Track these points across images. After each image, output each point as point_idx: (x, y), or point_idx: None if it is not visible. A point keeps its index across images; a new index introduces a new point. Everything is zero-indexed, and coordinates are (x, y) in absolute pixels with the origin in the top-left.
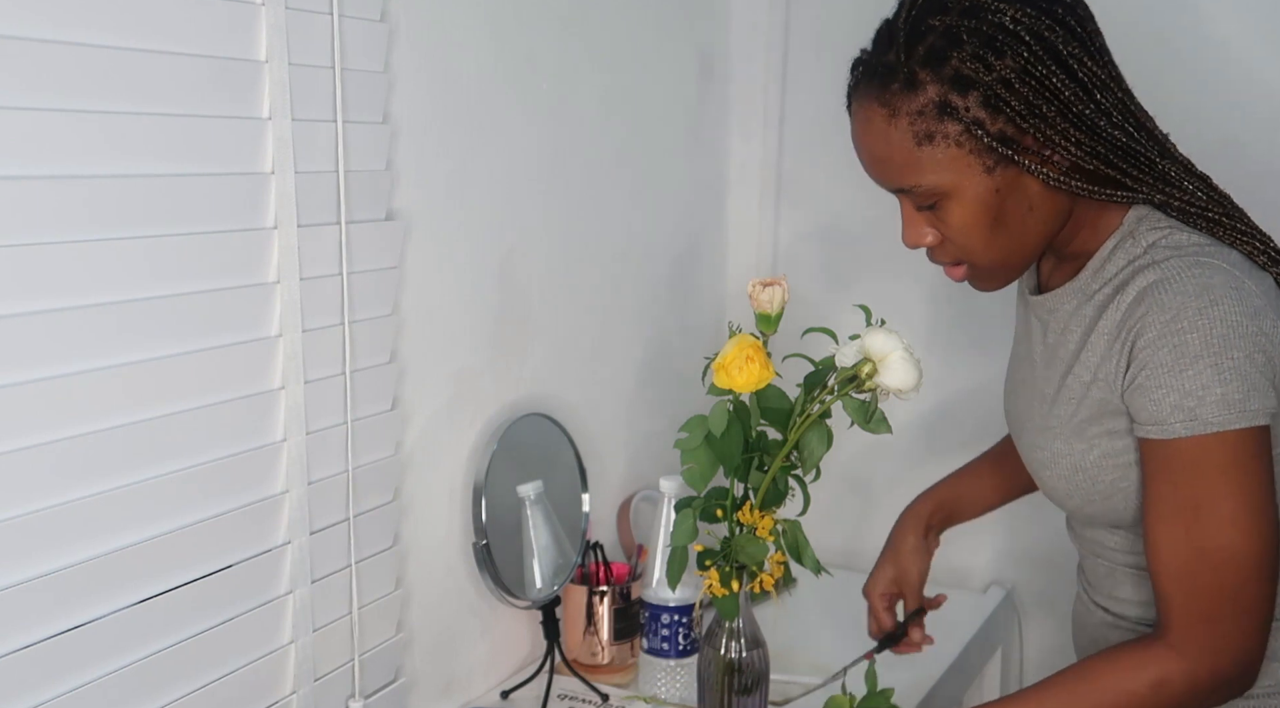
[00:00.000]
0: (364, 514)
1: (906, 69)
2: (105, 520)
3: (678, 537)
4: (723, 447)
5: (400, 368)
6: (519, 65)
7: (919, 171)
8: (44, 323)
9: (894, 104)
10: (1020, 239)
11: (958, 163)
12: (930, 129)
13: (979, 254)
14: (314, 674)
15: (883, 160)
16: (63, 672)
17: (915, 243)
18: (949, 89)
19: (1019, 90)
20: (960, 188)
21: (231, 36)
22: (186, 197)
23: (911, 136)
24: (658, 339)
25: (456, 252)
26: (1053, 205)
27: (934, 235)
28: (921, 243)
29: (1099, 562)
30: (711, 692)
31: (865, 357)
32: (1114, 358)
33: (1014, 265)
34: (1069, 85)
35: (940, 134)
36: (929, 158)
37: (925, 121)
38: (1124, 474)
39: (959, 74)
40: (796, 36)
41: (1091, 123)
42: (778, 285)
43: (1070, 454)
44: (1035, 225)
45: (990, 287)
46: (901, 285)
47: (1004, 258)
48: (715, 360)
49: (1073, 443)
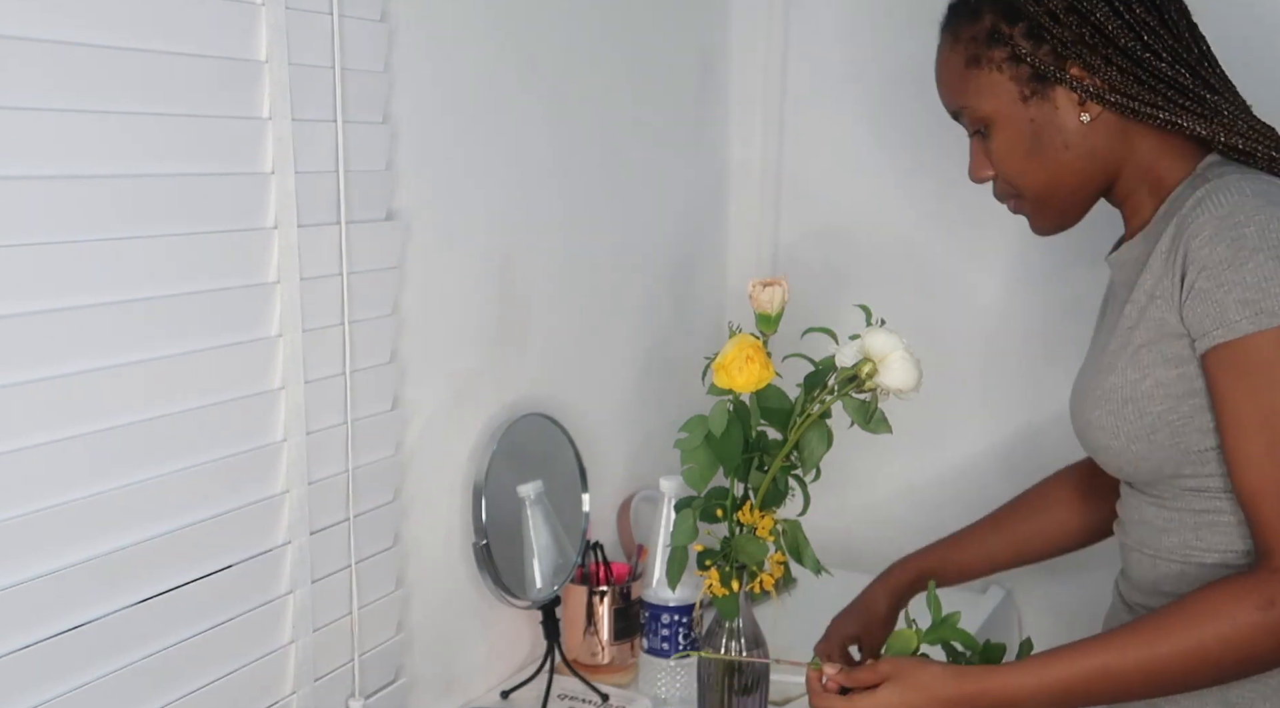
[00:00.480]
0: (364, 514)
1: (974, 2)
2: (105, 521)
3: (678, 537)
4: (723, 447)
5: (400, 368)
6: (519, 65)
7: (965, 93)
8: (44, 323)
9: (957, 30)
10: (1056, 175)
11: (997, 88)
12: (978, 53)
13: (1020, 183)
14: (314, 674)
15: (943, 82)
16: (63, 672)
17: (978, 174)
18: (1000, 18)
19: (1065, 22)
20: (999, 114)
21: (231, 36)
22: (186, 197)
23: (964, 59)
24: (658, 339)
25: (456, 252)
26: (1089, 145)
27: (991, 170)
28: (982, 175)
29: (1142, 555)
30: (711, 692)
31: (865, 357)
32: (1171, 271)
33: (1058, 201)
34: (1114, 20)
35: (986, 59)
36: (974, 81)
37: (976, 46)
38: (1173, 406)
39: (1011, 5)
40: (796, 36)
41: (1136, 56)
42: (778, 285)
43: (1123, 385)
44: (1071, 161)
45: (1043, 225)
46: (901, 286)
47: (1046, 189)
48: (715, 360)
49: (1126, 373)
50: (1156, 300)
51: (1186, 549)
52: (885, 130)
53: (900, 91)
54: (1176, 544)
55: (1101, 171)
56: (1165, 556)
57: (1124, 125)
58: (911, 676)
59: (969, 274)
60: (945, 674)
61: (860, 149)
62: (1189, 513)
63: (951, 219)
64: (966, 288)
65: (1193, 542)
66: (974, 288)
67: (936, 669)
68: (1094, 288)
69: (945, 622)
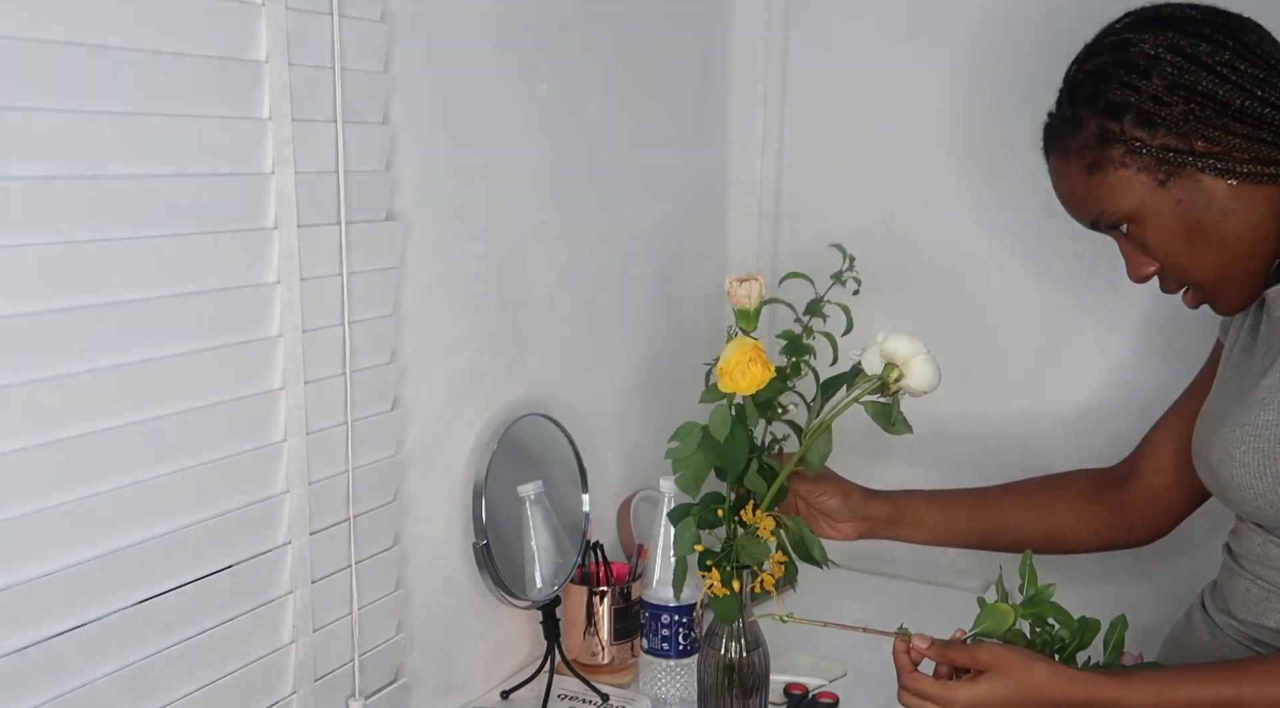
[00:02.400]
0: (364, 514)
1: (1072, 114)
2: (105, 521)
3: (679, 546)
4: (727, 451)
5: (400, 368)
6: (519, 65)
7: (1099, 199)
8: (44, 323)
9: (1067, 146)
10: (1226, 246)
11: (1129, 183)
12: (1096, 158)
13: (1191, 270)
14: (314, 674)
15: (1071, 200)
16: (63, 672)
17: (1140, 276)
18: (1105, 118)
19: (1170, 102)
20: (1143, 207)
21: (231, 36)
22: (186, 197)
23: (1084, 169)
24: (658, 339)
25: (456, 252)
26: (1249, 204)
27: (1153, 265)
28: (1143, 273)
29: (1255, 585)
30: (711, 692)
31: (889, 362)
32: None
33: (1235, 277)
34: (1222, 86)
35: (1105, 160)
36: (1103, 186)
37: (1090, 153)
38: None
39: (1110, 102)
40: (796, 37)
41: (1255, 114)
42: (755, 281)
43: (1278, 425)
44: (1237, 227)
45: (1230, 306)
46: (900, 286)
47: (1219, 270)
48: (718, 366)
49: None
50: None
51: None
52: (886, 135)
53: (901, 95)
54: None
55: (1271, 229)
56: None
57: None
58: (1017, 671)
59: (969, 275)
60: (1055, 675)
61: (860, 154)
62: None
63: (953, 222)
64: (967, 289)
65: None
66: (974, 289)
67: (1044, 668)
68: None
69: (1040, 596)
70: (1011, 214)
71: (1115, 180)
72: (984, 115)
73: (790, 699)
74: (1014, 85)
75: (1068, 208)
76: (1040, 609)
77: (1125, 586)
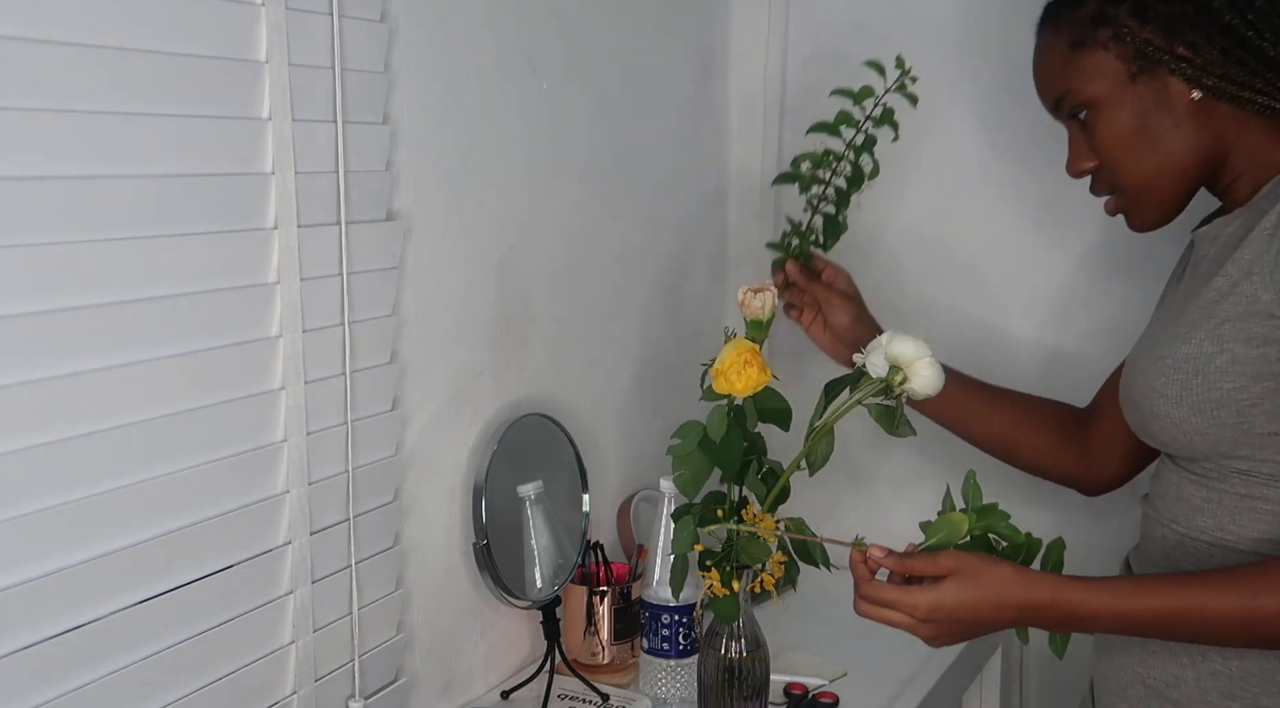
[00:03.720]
0: (364, 515)
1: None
2: (105, 520)
3: (678, 545)
4: (722, 452)
5: (400, 368)
6: (519, 65)
7: (1069, 77)
8: (43, 323)
9: (1060, 19)
10: (1165, 156)
11: (1104, 68)
12: (1083, 36)
13: (1127, 172)
14: (314, 675)
15: (1042, 74)
16: (63, 672)
17: (1077, 167)
18: (1105, 1)
19: (1168, 1)
20: (1107, 95)
21: (231, 36)
22: (186, 197)
23: (1067, 43)
24: (658, 339)
25: (456, 252)
26: (1200, 123)
27: (1093, 159)
28: (1082, 166)
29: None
30: (711, 692)
31: (894, 364)
32: (1273, 248)
33: (1163, 191)
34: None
35: (1091, 39)
36: (1079, 63)
37: (1080, 29)
38: (1245, 385)
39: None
40: (796, 36)
41: (1239, 33)
42: (768, 291)
43: (1197, 357)
44: (1181, 141)
45: (1143, 220)
46: (900, 288)
47: (1152, 178)
48: (713, 366)
49: (1203, 345)
50: (1252, 277)
51: (1220, 531)
52: (885, 134)
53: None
54: (1210, 525)
55: (1210, 153)
56: (1195, 534)
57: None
58: (980, 574)
59: (969, 274)
60: (1018, 578)
61: None
62: (1231, 496)
63: (952, 219)
64: (967, 287)
65: (1228, 525)
66: (973, 288)
67: (1008, 571)
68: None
69: (989, 508)
70: (1010, 211)
71: (1091, 62)
72: (983, 115)
73: (790, 699)
74: (1014, 83)
75: (1038, 84)
76: (990, 521)
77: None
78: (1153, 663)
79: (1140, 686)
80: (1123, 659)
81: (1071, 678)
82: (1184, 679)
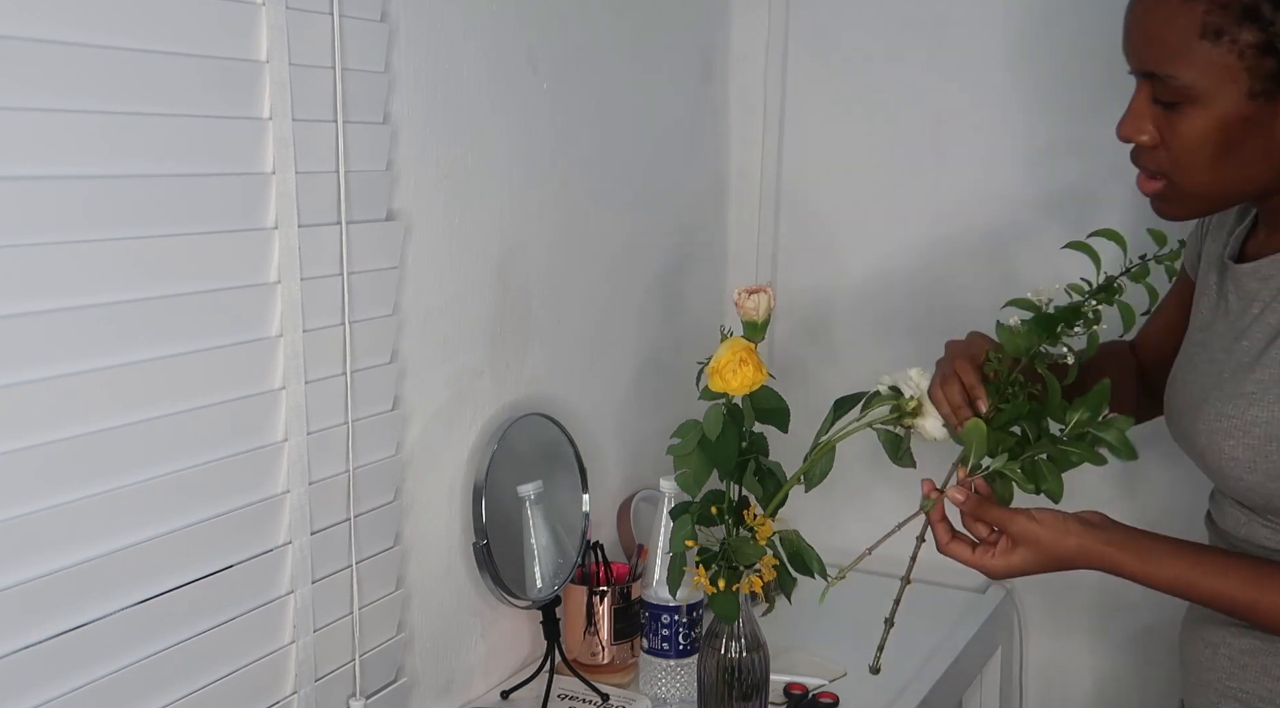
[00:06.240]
0: (364, 514)
1: None
2: (105, 520)
3: (677, 543)
4: (718, 450)
5: (400, 368)
6: (519, 65)
7: (1184, 63)
8: (44, 323)
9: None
10: (1238, 177)
11: (1227, 73)
12: (1223, 26)
13: (1190, 174)
14: (314, 674)
15: (1153, 38)
16: (63, 672)
17: (1132, 136)
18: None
19: None
20: (1214, 98)
21: (231, 36)
22: (187, 197)
23: (1199, 26)
24: (658, 339)
25: (456, 252)
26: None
27: (1153, 136)
28: (1137, 138)
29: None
30: (711, 693)
31: (914, 396)
32: None
33: (1214, 199)
34: None
35: (1230, 36)
36: (1202, 54)
37: (1223, 16)
38: None
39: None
40: (796, 36)
41: None
42: (763, 293)
43: (1269, 422)
44: (1260, 171)
45: (1175, 213)
46: (900, 289)
47: (1211, 188)
48: (709, 365)
49: (1275, 410)
50: None
51: None
52: (886, 135)
53: (901, 95)
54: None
55: (1276, 185)
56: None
57: None
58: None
59: (969, 277)
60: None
61: (860, 154)
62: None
63: (951, 223)
64: (966, 291)
65: None
66: (973, 290)
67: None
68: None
69: None
70: (1013, 212)
71: (1217, 58)
72: (983, 115)
73: (790, 699)
74: (1013, 85)
75: (1136, 40)
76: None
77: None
78: (1244, 678)
79: (1233, 701)
80: (1211, 676)
81: (1071, 678)
82: (1278, 693)
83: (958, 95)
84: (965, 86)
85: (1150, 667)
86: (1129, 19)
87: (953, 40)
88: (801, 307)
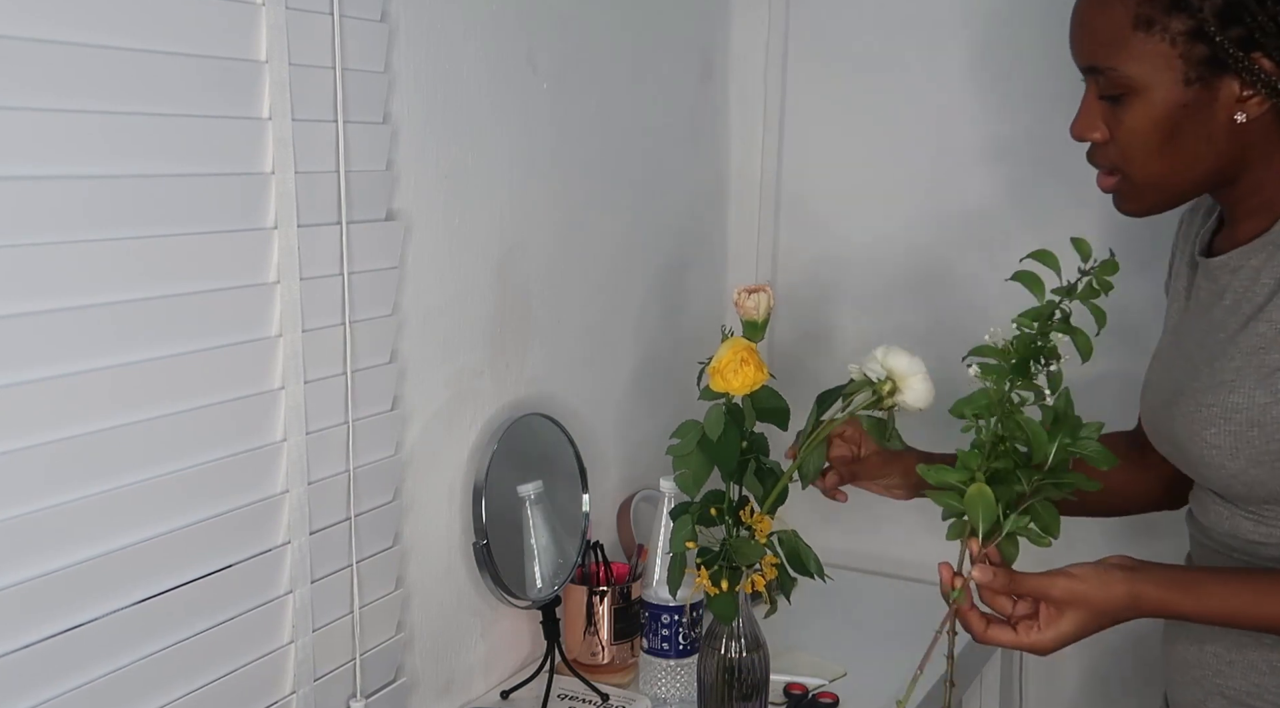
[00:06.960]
0: (364, 514)
1: None
2: (105, 520)
3: (677, 544)
4: (719, 450)
5: (400, 368)
6: (519, 65)
7: (1119, 55)
8: (44, 323)
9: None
10: (1186, 165)
11: (1162, 61)
12: (1154, 16)
13: (1139, 165)
14: (314, 674)
15: (1092, 32)
16: (62, 671)
17: (1083, 134)
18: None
19: (1271, 8)
20: (1152, 87)
21: (231, 36)
22: (186, 197)
23: (1132, 18)
24: (658, 339)
25: (456, 252)
26: (1232, 142)
27: (1103, 132)
28: (1089, 135)
29: (1230, 560)
30: (711, 693)
31: (888, 376)
32: None
33: (1167, 190)
34: None
35: (1161, 25)
36: (1137, 45)
37: (1153, 7)
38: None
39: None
40: (796, 37)
41: None
42: (763, 292)
43: (1249, 408)
44: (1206, 157)
45: (1134, 208)
46: (900, 291)
47: (1162, 178)
48: (710, 365)
49: (1254, 395)
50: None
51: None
52: (886, 136)
53: (901, 95)
54: (1276, 556)
55: (1229, 172)
56: (1261, 563)
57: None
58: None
59: (969, 278)
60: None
61: (860, 153)
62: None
63: (951, 224)
64: (966, 292)
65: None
66: (973, 292)
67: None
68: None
69: None
70: (1014, 212)
71: (1153, 50)
72: (984, 115)
73: (790, 699)
74: (1014, 85)
75: (1077, 39)
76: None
77: None
78: (1231, 674)
79: (1220, 697)
80: (1198, 673)
81: (1071, 678)
82: (1266, 688)
83: (958, 95)
84: (966, 86)
85: (1150, 667)
86: (1072, 18)
87: (953, 40)
88: (801, 306)
